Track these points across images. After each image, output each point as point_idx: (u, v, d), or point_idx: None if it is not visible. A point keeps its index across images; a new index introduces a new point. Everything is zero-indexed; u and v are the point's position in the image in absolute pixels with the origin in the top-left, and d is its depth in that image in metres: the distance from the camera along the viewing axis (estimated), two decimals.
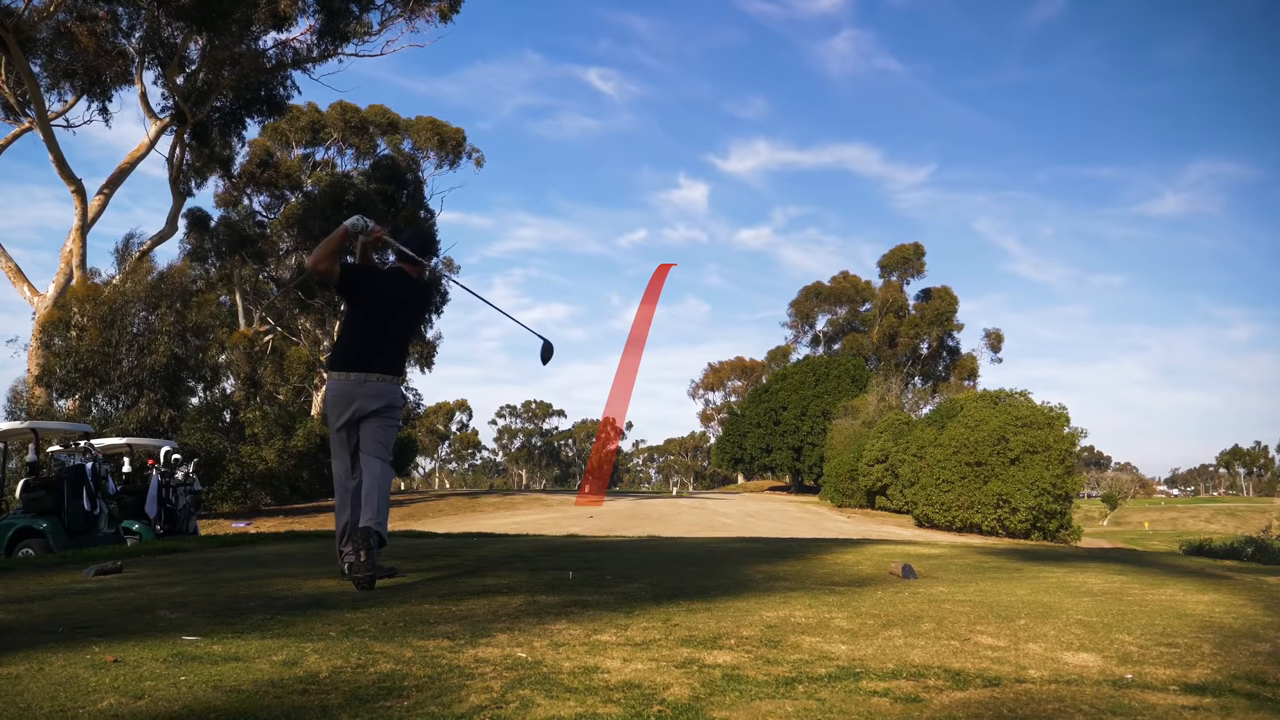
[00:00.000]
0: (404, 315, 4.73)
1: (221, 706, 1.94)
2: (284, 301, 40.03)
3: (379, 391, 4.46)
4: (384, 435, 4.51)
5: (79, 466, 12.13)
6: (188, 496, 14.04)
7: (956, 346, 64.34)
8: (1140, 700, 2.00)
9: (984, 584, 4.14)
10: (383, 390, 4.47)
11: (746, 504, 36.83)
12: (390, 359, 4.55)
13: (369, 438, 4.47)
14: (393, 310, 4.62)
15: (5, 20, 21.71)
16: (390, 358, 4.56)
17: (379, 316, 4.57)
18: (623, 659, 2.44)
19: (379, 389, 4.46)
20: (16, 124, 26.63)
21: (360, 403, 4.43)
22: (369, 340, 4.51)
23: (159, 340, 23.73)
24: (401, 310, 4.68)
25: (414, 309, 4.95)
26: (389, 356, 4.55)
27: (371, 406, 4.45)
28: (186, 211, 34.58)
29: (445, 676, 2.23)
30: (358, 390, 4.43)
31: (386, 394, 4.48)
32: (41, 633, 2.90)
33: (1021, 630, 2.85)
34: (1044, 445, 25.25)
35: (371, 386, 4.45)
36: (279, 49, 28.80)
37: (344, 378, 4.46)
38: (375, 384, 4.45)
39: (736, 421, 59.70)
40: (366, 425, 4.47)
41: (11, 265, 25.51)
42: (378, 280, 4.70)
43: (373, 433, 4.47)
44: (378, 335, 4.53)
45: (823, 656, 2.47)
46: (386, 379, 4.49)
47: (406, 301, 4.75)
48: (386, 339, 4.56)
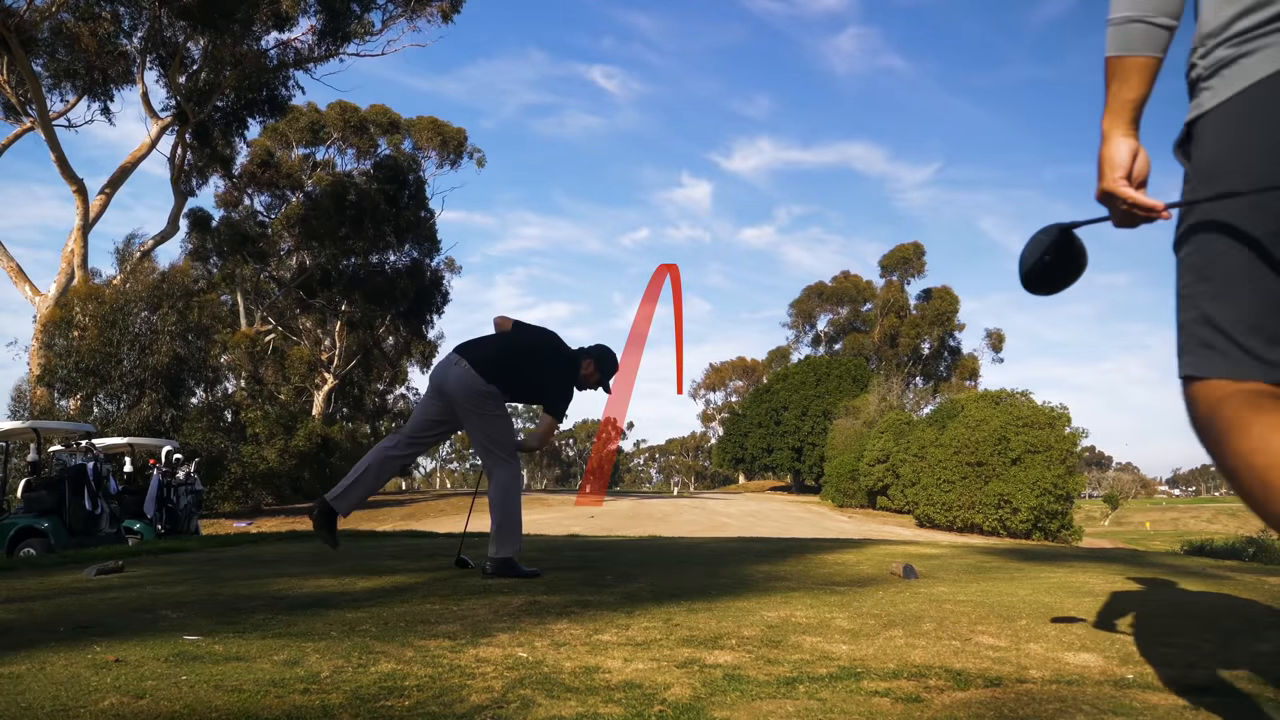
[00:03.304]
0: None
1: (223, 706, 1.94)
2: (285, 301, 40.06)
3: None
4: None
5: (80, 466, 12.15)
6: (189, 496, 14.07)
7: (958, 346, 64.37)
8: (1142, 700, 2.00)
9: (985, 584, 4.14)
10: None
11: (747, 504, 36.84)
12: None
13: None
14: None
15: (7, 20, 21.74)
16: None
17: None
18: (624, 659, 2.45)
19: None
20: (18, 123, 26.67)
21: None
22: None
23: (160, 340, 23.75)
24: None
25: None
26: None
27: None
28: (188, 211, 34.67)
29: (446, 676, 2.23)
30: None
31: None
32: (43, 632, 2.91)
33: (1023, 630, 2.85)
34: (1045, 445, 25.24)
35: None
36: (280, 49, 28.86)
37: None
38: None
39: (737, 421, 59.74)
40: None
41: (13, 265, 25.54)
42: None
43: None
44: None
45: (824, 656, 2.47)
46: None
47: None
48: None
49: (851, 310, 66.66)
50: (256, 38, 27.87)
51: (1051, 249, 1.53)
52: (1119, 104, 1.45)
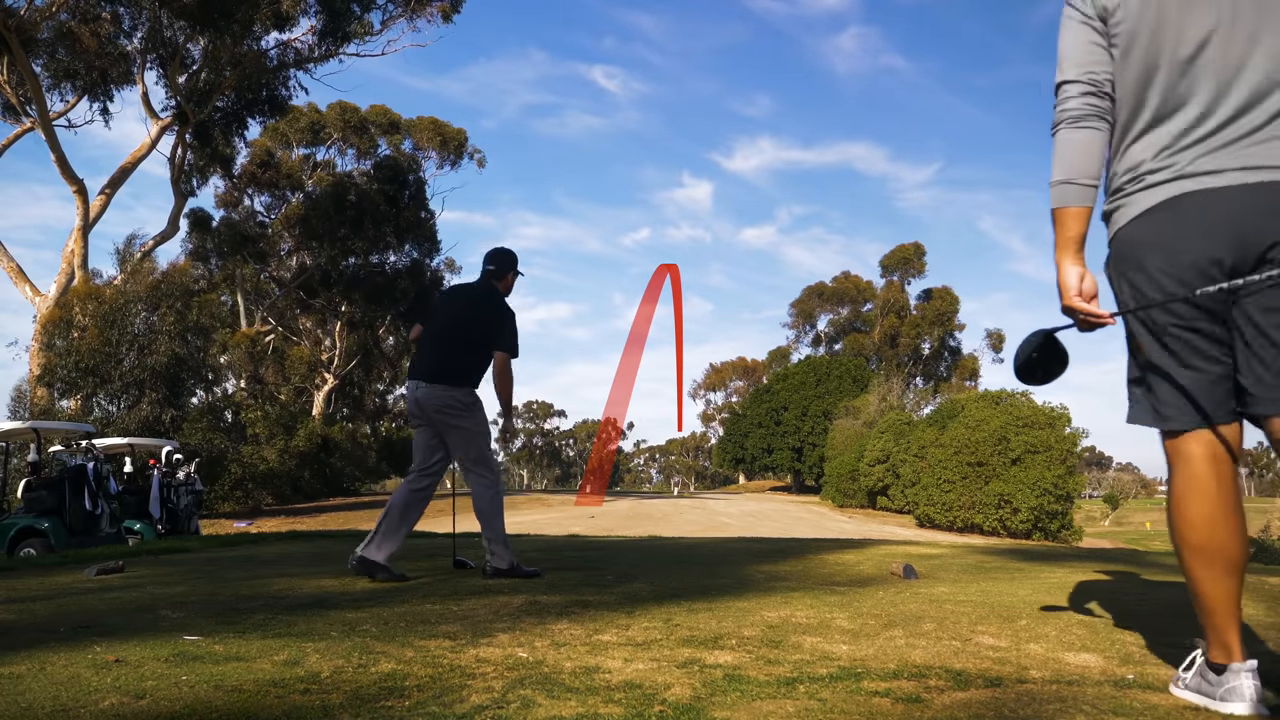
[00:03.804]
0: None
1: (223, 706, 1.94)
2: (285, 301, 40.07)
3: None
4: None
5: (81, 466, 12.15)
6: (189, 496, 14.07)
7: (958, 347, 64.34)
8: (1142, 701, 2.00)
9: (985, 584, 4.14)
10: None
11: (748, 504, 36.84)
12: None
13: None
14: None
15: (7, 20, 21.74)
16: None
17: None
18: (624, 659, 2.45)
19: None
20: (18, 124, 26.66)
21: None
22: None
23: (160, 340, 23.75)
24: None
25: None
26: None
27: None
28: (188, 211, 34.65)
29: (447, 676, 2.23)
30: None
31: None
32: (43, 632, 2.91)
33: (1023, 630, 2.85)
34: (1045, 445, 25.24)
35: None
36: (280, 49, 28.84)
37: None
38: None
39: (738, 421, 59.73)
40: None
41: (13, 265, 25.54)
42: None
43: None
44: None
45: (824, 656, 2.47)
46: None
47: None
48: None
49: (852, 310, 66.64)
50: (256, 38, 27.86)
51: (1038, 349, 1.93)
52: (1064, 241, 1.91)
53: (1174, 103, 1.83)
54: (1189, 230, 1.79)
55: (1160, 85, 1.84)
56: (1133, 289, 1.89)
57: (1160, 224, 1.83)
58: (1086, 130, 1.91)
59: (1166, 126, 1.84)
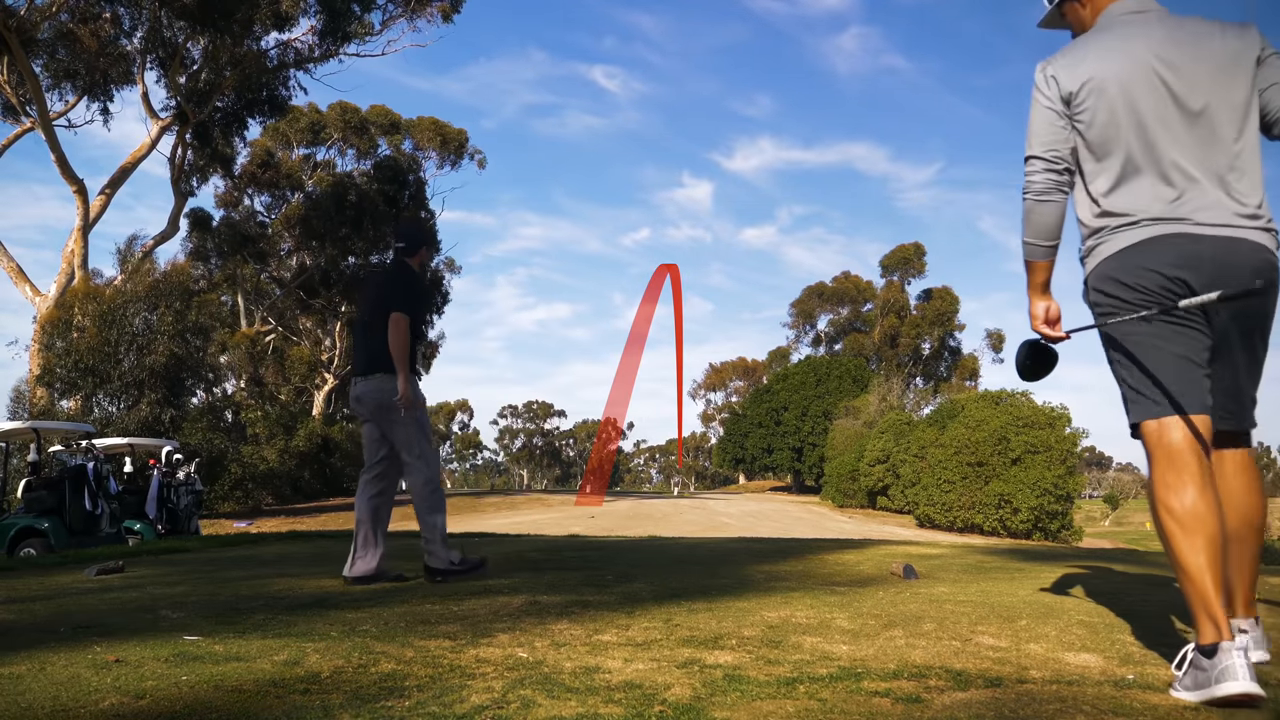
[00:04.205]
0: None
1: (223, 706, 1.94)
2: (285, 301, 40.06)
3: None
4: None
5: (80, 466, 12.15)
6: (189, 496, 14.06)
7: (958, 347, 64.33)
8: (1142, 701, 2.00)
9: (985, 584, 4.14)
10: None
11: (748, 504, 36.85)
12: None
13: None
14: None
15: (7, 20, 21.74)
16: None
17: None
18: (624, 659, 2.45)
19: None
20: (18, 124, 26.66)
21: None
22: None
23: (160, 340, 23.75)
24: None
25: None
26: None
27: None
28: (188, 211, 34.64)
29: (447, 676, 2.23)
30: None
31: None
32: (43, 632, 2.91)
33: (1023, 631, 2.85)
34: (1045, 445, 25.24)
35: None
36: (280, 49, 28.85)
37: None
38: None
39: (738, 422, 59.73)
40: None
41: (13, 265, 25.54)
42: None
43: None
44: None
45: (824, 657, 2.47)
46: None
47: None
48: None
49: (852, 310, 66.64)
50: (256, 38, 27.87)
51: (1030, 356, 2.38)
52: (1033, 284, 2.37)
53: (1135, 167, 2.21)
54: (1163, 258, 2.15)
55: (1122, 154, 2.22)
56: (1111, 298, 2.23)
57: (1136, 252, 2.19)
58: (1048, 204, 2.30)
59: (1134, 184, 2.21)
